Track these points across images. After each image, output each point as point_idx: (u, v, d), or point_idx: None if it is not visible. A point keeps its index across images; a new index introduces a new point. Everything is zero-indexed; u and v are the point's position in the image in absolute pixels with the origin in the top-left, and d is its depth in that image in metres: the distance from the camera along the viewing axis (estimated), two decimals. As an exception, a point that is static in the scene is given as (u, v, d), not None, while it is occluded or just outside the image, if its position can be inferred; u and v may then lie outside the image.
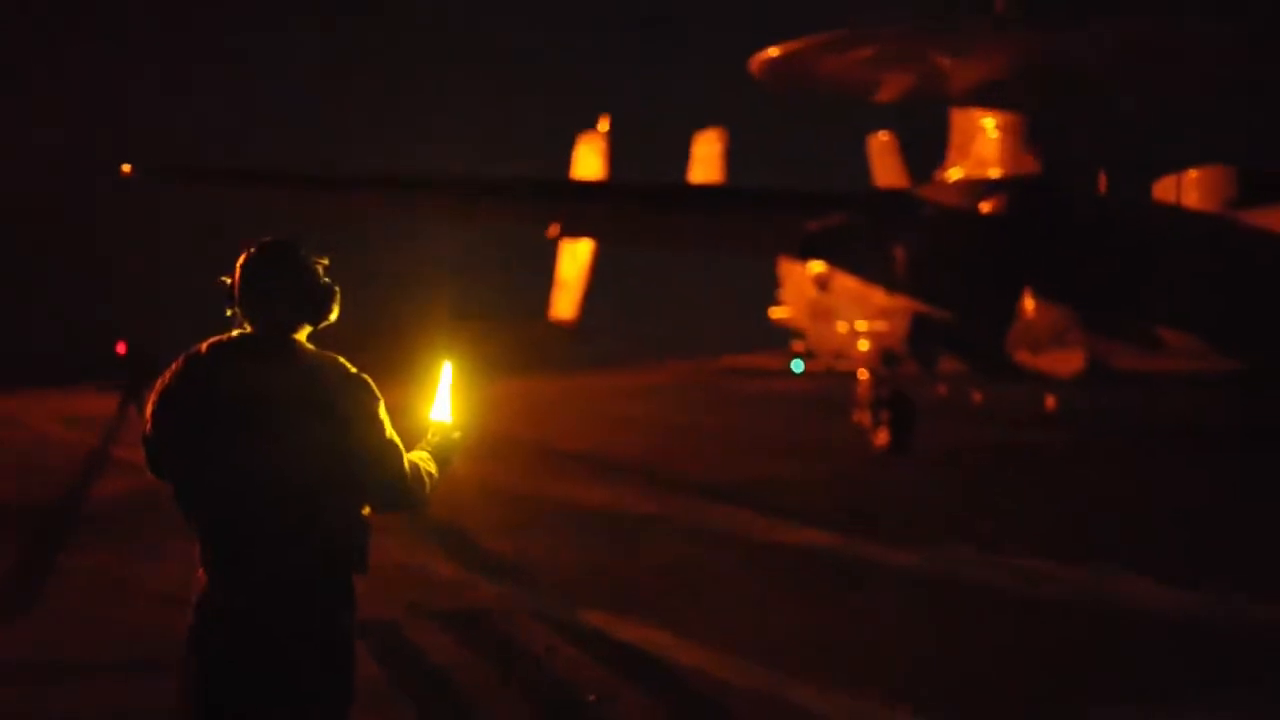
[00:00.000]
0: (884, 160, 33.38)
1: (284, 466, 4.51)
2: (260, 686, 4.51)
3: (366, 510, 4.69)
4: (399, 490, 4.68)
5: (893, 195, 24.73)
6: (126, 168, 24.70)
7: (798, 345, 33.71)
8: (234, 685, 4.52)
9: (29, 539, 15.61)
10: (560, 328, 35.30)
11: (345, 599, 4.67)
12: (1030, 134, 24.46)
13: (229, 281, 4.76)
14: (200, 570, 4.62)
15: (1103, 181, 23.44)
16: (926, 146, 28.13)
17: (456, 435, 5.10)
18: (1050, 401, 28.65)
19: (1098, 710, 8.50)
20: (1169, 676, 9.24)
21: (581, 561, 13.76)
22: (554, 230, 27.95)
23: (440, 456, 5.01)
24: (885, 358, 24.70)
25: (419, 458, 4.89)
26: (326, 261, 4.83)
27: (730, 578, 13.01)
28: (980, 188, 23.03)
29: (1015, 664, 9.58)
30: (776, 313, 33.25)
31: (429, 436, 5.10)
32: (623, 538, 15.36)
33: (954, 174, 25.74)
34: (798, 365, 34.35)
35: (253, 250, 4.76)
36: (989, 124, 25.27)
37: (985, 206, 22.13)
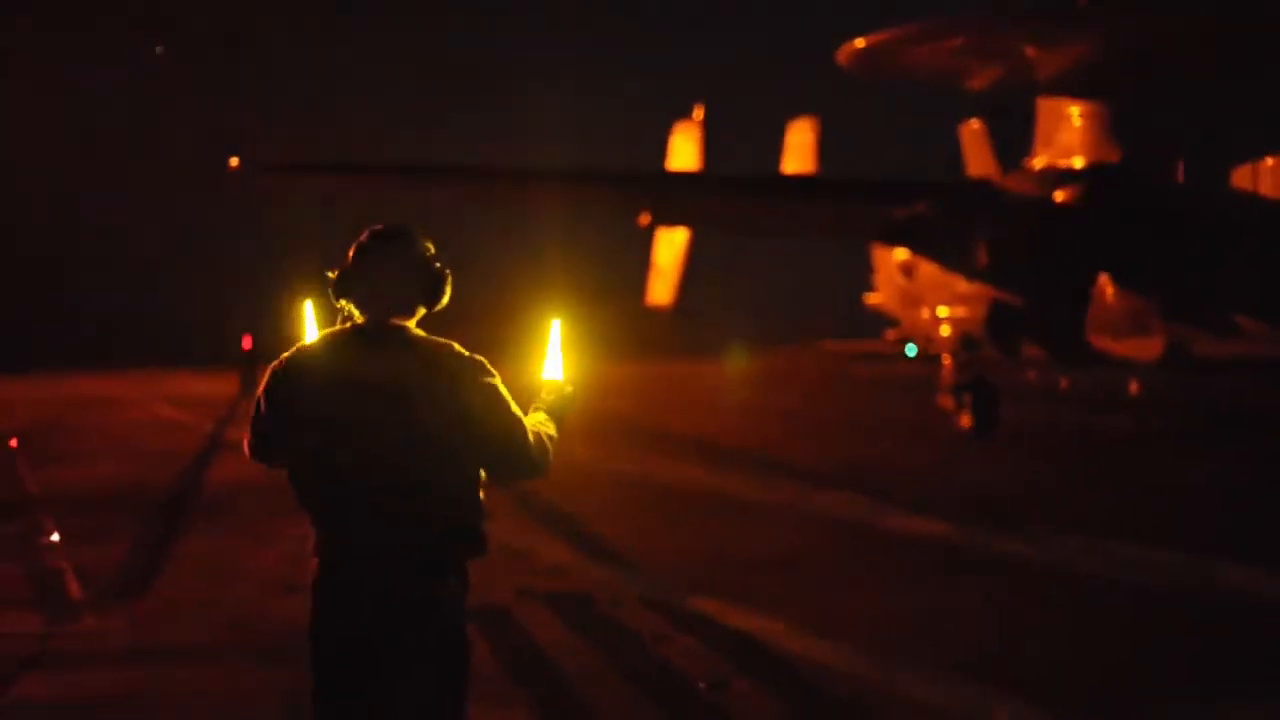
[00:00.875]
0: (975, 148, 33.57)
1: (400, 453, 4.54)
2: (377, 668, 4.56)
3: (482, 494, 4.72)
4: (526, 460, 4.71)
5: (972, 185, 25.12)
6: (234, 161, 25.60)
7: (890, 332, 34.20)
8: (352, 667, 4.57)
9: (145, 522, 15.49)
10: (658, 313, 35.83)
11: (460, 582, 4.68)
12: (1111, 123, 24.74)
13: (337, 274, 4.77)
14: (314, 558, 4.65)
15: (1181, 170, 23.73)
16: (1020, 134, 28.40)
17: (570, 390, 5.10)
18: (1134, 386, 28.97)
19: (1212, 700, 8.35)
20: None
21: (691, 547, 13.56)
22: (645, 219, 28.62)
23: (555, 414, 5.01)
24: (966, 343, 25.11)
25: (537, 420, 4.90)
26: (433, 248, 4.84)
27: (840, 565, 12.80)
28: (1056, 177, 23.35)
29: (1123, 653, 9.40)
30: (871, 299, 33.71)
31: (543, 395, 5.09)
32: (733, 524, 15.17)
33: (1039, 162, 26.09)
34: (912, 349, 34.67)
35: (368, 236, 4.77)
36: (1072, 113, 25.59)
37: (1060, 196, 22.45)
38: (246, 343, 38.60)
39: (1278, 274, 21.15)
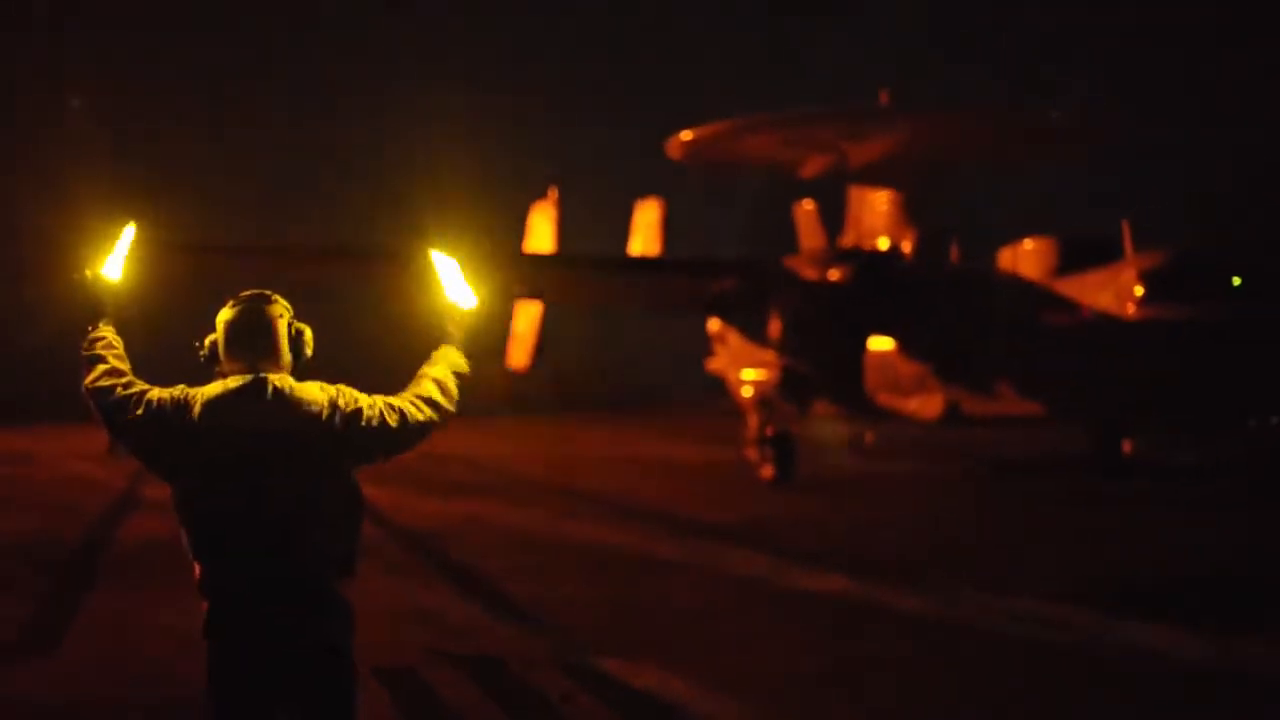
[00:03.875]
0: (808, 226, 36.15)
1: (284, 493, 4.81)
2: (268, 700, 4.81)
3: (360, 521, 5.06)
4: (416, 430, 5.08)
5: (765, 263, 27.53)
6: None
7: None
8: (244, 701, 4.81)
9: (55, 579, 15.27)
10: (515, 375, 37.89)
11: (345, 615, 4.97)
12: (896, 208, 27.91)
13: (209, 341, 5.08)
14: (204, 601, 4.93)
15: (954, 251, 26.75)
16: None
17: (480, 307, 5.39)
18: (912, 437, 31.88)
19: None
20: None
21: (599, 606, 13.42)
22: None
23: (468, 344, 5.30)
24: (764, 402, 27.89)
25: (446, 359, 5.21)
26: (289, 307, 5.13)
27: (747, 623, 12.74)
28: (830, 258, 26.20)
29: (1024, 711, 9.45)
30: (709, 363, 36.32)
31: (450, 327, 5.33)
32: (641, 582, 14.94)
33: (847, 241, 29.17)
34: None
35: (229, 305, 5.04)
36: (869, 198, 28.77)
37: (833, 275, 25.34)
38: None
39: (1023, 344, 24.12)
